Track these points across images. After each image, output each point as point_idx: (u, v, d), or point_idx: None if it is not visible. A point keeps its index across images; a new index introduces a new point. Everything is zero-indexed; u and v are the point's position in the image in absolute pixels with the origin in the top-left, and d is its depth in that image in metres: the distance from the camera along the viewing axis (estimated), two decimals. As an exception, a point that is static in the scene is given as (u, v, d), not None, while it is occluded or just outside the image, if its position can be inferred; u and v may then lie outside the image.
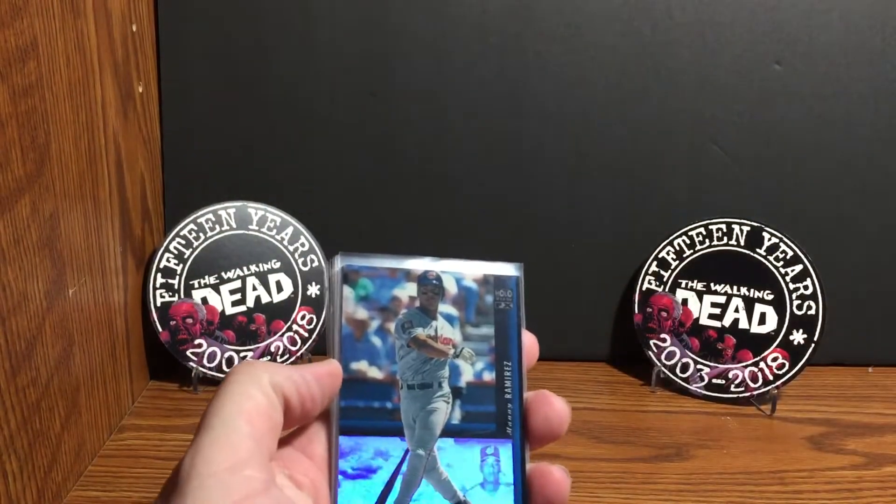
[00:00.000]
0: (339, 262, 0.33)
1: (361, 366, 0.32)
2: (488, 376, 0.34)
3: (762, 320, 0.65)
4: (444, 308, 0.34)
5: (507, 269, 0.35)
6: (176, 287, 0.64)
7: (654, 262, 0.68)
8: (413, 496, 0.31)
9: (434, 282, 0.34)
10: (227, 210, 0.66)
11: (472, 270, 0.35)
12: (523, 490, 0.32)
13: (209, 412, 0.27)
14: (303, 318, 0.66)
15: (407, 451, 0.32)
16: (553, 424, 0.33)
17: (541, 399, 0.33)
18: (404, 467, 0.32)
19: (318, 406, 0.30)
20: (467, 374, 0.33)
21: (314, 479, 0.30)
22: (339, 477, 0.31)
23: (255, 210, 0.66)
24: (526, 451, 0.33)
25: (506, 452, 0.33)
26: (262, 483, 0.25)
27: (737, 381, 0.65)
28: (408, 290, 0.34)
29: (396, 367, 0.33)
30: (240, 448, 0.26)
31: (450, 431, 0.33)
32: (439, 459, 0.32)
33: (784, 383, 0.64)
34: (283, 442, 0.31)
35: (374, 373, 0.32)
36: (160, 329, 0.64)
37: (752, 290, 0.66)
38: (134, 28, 0.61)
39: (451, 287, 0.34)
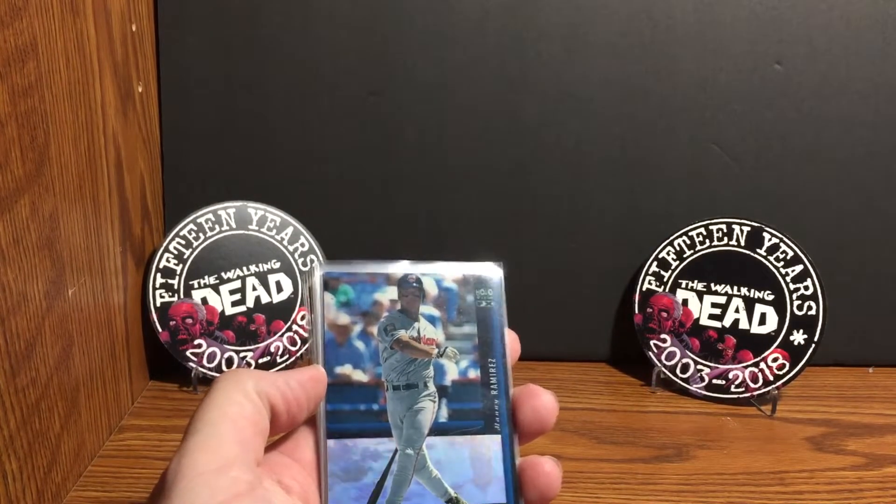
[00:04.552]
0: (318, 270, 0.34)
1: (346, 370, 0.33)
2: (473, 374, 0.34)
3: (762, 321, 0.65)
4: (426, 309, 0.34)
5: (488, 269, 0.36)
6: (176, 287, 0.64)
7: (655, 263, 0.68)
8: (404, 495, 0.31)
9: (414, 284, 0.34)
10: (227, 210, 0.66)
11: (451, 271, 0.35)
12: (514, 484, 0.33)
13: (195, 418, 0.27)
14: (303, 318, 0.66)
15: (396, 451, 0.32)
16: (542, 416, 0.33)
17: (528, 392, 0.34)
18: (394, 467, 0.32)
19: (304, 411, 0.31)
20: (452, 373, 0.34)
21: (303, 483, 0.30)
22: (330, 480, 0.31)
23: (255, 210, 0.66)
24: (515, 445, 0.34)
25: (495, 448, 0.33)
26: (247, 484, 0.26)
27: (737, 382, 0.65)
28: (388, 294, 0.34)
29: (381, 369, 0.33)
30: (225, 451, 0.26)
31: (438, 430, 0.33)
32: (429, 458, 0.33)
33: (784, 384, 0.64)
34: (271, 448, 0.31)
35: (359, 376, 0.33)
36: (160, 329, 0.64)
37: (752, 291, 0.66)
38: (134, 28, 0.61)
39: (431, 289, 0.35)
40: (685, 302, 0.67)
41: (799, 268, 0.64)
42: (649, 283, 0.68)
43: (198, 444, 0.26)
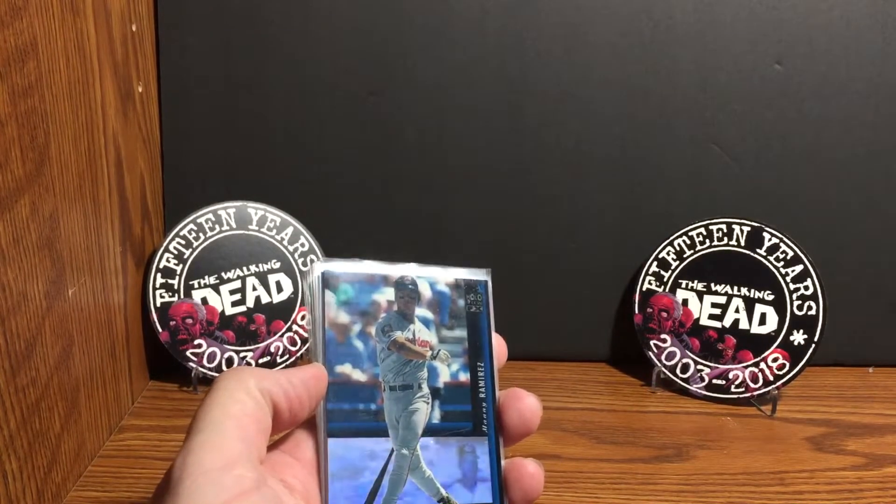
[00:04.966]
0: (318, 268, 0.34)
1: (345, 368, 0.33)
2: (463, 377, 0.35)
3: (762, 321, 0.65)
4: (421, 311, 0.35)
5: (477, 274, 0.37)
6: (176, 287, 0.64)
7: (655, 263, 0.68)
8: (399, 495, 0.32)
9: (410, 286, 0.35)
10: (227, 210, 0.66)
11: (444, 275, 0.36)
12: (500, 484, 0.34)
13: (198, 417, 0.27)
14: (303, 318, 0.66)
15: (392, 451, 0.33)
16: (526, 419, 0.34)
17: (513, 396, 0.35)
18: (390, 467, 0.32)
19: (305, 409, 0.31)
20: (444, 375, 0.35)
21: (305, 482, 0.30)
22: (329, 479, 0.31)
23: (255, 210, 0.66)
24: (501, 447, 0.34)
25: (482, 449, 0.34)
26: (253, 482, 0.26)
27: (737, 382, 0.65)
28: (386, 295, 0.35)
29: (378, 369, 0.33)
30: (230, 449, 0.26)
31: (430, 431, 0.34)
32: (422, 458, 0.33)
33: (784, 384, 0.64)
34: (273, 447, 0.31)
35: (358, 375, 0.33)
36: (160, 329, 0.64)
37: (752, 291, 0.66)
38: (134, 28, 0.61)
39: (425, 291, 0.35)
40: (685, 302, 0.67)
41: (799, 268, 0.64)
42: (649, 283, 0.68)
43: (202, 442, 0.26)
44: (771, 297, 0.65)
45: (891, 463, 0.57)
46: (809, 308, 0.64)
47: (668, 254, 0.68)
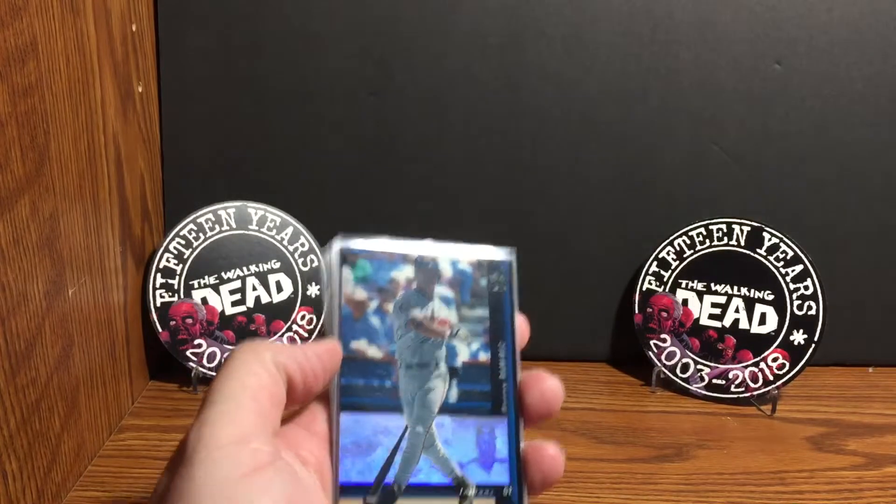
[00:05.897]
0: (337, 244, 0.34)
1: (361, 345, 0.33)
2: (483, 357, 0.34)
3: (762, 320, 0.65)
4: (441, 290, 0.35)
5: (500, 254, 0.36)
6: (176, 287, 0.64)
7: (655, 263, 0.68)
8: (412, 472, 0.32)
9: (430, 264, 0.35)
10: (227, 210, 0.66)
11: (466, 254, 0.36)
12: (518, 466, 0.33)
13: (213, 388, 0.27)
14: (303, 318, 0.66)
15: (406, 429, 0.32)
16: (548, 399, 0.34)
17: (536, 377, 0.34)
18: (403, 444, 0.32)
19: (319, 382, 0.31)
20: (463, 355, 0.34)
21: (318, 456, 0.31)
22: (341, 453, 0.31)
23: (255, 210, 0.66)
24: (521, 428, 0.34)
25: (501, 430, 0.34)
26: (269, 455, 0.26)
27: (737, 382, 0.65)
28: (405, 273, 0.34)
29: (395, 346, 0.33)
30: (245, 422, 0.26)
31: (447, 409, 0.33)
32: (437, 436, 0.33)
33: (784, 383, 0.64)
34: (288, 421, 0.31)
35: (374, 352, 0.33)
36: (160, 329, 0.64)
37: (752, 291, 0.66)
38: (134, 28, 0.61)
39: (446, 270, 0.35)
40: (685, 302, 0.67)
41: (799, 268, 0.64)
42: (649, 283, 0.68)
43: (218, 414, 0.26)
44: (771, 297, 0.65)
45: (891, 463, 0.57)
46: (809, 308, 0.64)
47: (668, 254, 0.68)
